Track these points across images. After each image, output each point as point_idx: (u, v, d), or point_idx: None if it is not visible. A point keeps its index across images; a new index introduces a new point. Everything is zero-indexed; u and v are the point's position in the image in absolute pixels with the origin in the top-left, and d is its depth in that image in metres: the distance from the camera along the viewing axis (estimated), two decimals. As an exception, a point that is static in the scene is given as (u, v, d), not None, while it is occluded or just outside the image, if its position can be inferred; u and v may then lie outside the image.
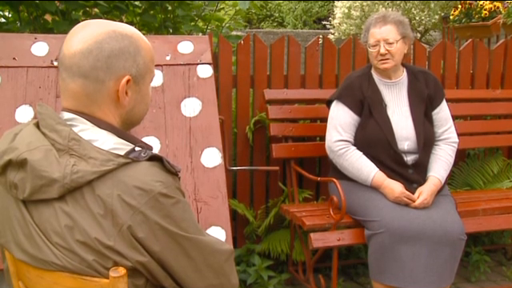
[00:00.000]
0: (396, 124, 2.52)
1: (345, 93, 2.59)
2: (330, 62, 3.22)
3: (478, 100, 3.39)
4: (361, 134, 2.54)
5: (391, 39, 2.50)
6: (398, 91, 2.60)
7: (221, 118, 2.57)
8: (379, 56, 2.51)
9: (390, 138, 2.49)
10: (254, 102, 3.14)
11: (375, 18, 2.55)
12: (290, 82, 3.16)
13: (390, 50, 2.50)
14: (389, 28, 2.50)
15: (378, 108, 2.54)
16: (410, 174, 2.50)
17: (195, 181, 2.08)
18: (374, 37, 2.51)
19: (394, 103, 2.58)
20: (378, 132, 2.50)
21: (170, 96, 2.23)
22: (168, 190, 1.08)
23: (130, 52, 1.15)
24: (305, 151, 2.99)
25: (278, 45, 3.15)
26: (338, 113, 2.58)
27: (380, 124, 2.51)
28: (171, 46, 2.36)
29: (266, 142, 3.14)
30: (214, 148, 2.17)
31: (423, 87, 2.59)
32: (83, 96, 1.13)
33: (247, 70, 3.11)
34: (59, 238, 1.06)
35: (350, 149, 2.53)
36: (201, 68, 2.32)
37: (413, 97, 2.58)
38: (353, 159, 2.51)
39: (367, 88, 2.57)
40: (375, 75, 2.62)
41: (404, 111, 2.57)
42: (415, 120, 2.53)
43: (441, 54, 3.42)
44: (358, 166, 2.49)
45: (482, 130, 3.31)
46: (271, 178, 3.17)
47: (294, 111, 3.04)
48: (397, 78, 2.61)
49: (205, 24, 3.62)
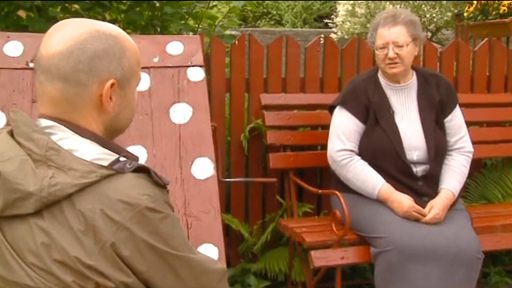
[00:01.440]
0: (404, 132, 2.53)
1: (349, 98, 2.61)
2: (332, 64, 3.24)
3: (494, 105, 3.41)
4: (366, 142, 2.55)
5: (401, 42, 2.51)
6: (407, 96, 2.61)
7: (213, 125, 2.58)
8: (387, 59, 2.53)
9: (397, 147, 2.50)
10: (250, 108, 3.16)
11: (384, 17, 2.56)
12: (289, 86, 3.18)
13: (400, 53, 2.51)
14: (399, 29, 2.51)
15: (384, 115, 2.56)
16: (419, 186, 2.51)
17: (185, 194, 2.08)
18: (383, 38, 2.53)
19: (402, 109, 2.59)
20: (385, 141, 2.51)
21: (157, 101, 2.24)
22: (155, 204, 1.09)
23: (115, 53, 1.15)
24: (305, 161, 3.00)
25: (275, 45, 3.17)
26: (342, 120, 2.60)
27: (387, 132, 2.52)
28: (159, 46, 2.37)
29: (263, 151, 3.15)
30: (206, 158, 2.17)
31: (434, 92, 2.61)
32: (63, 101, 1.13)
33: (242, 72, 3.13)
34: (35, 258, 1.06)
35: (354, 159, 2.54)
36: (191, 71, 2.33)
37: (423, 102, 2.59)
38: (357, 170, 2.52)
39: (373, 93, 2.59)
40: (382, 79, 2.64)
41: (413, 118, 2.58)
42: (425, 128, 2.55)
43: (454, 54, 3.45)
44: (362, 178, 2.50)
45: (500, 137, 3.33)
46: (268, 191, 3.18)
47: (293, 118, 3.05)
48: (406, 82, 2.62)
49: (196, 22, 3.63)
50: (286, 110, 3.08)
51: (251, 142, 3.13)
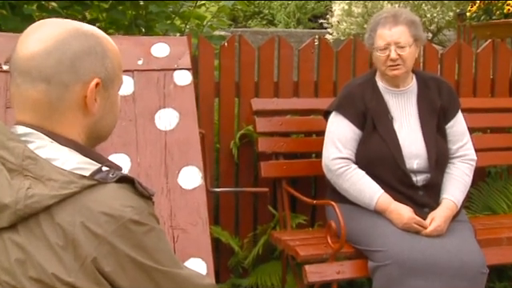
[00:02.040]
0: (404, 139, 2.55)
1: (345, 103, 2.62)
2: (326, 67, 3.25)
3: (499, 110, 3.43)
4: (363, 150, 2.56)
5: (403, 42, 2.52)
6: (406, 101, 2.63)
7: (201, 131, 2.58)
8: (389, 61, 2.54)
9: (396, 155, 2.51)
10: (240, 114, 3.16)
11: (384, 16, 2.57)
12: (281, 90, 3.19)
13: (402, 54, 2.53)
14: (400, 29, 2.53)
15: (383, 121, 2.57)
16: (420, 196, 2.52)
17: (171, 205, 2.08)
18: (384, 39, 2.54)
19: (401, 115, 2.61)
20: (383, 148, 2.52)
21: (142, 106, 2.24)
22: (140, 217, 1.09)
23: (98, 52, 1.17)
24: (298, 170, 3.01)
25: (267, 47, 3.18)
26: (337, 126, 2.61)
27: (385, 139, 2.53)
28: (143, 48, 2.37)
29: (254, 159, 3.15)
30: (194, 167, 2.17)
31: (435, 97, 2.62)
32: (45, 104, 1.13)
33: (232, 76, 3.14)
34: (8, 276, 1.05)
35: (350, 167, 2.55)
36: (178, 74, 2.33)
37: (423, 108, 2.61)
38: (354, 180, 2.53)
39: (371, 97, 2.60)
40: (380, 83, 2.65)
41: (413, 124, 2.59)
42: (426, 134, 2.56)
43: (455, 56, 3.47)
44: (359, 188, 2.51)
45: (505, 144, 3.35)
46: (260, 201, 3.18)
47: (286, 124, 3.06)
48: (406, 86, 2.64)
49: (183, 22, 3.64)
50: (279, 116, 3.08)
51: (241, 149, 3.14)
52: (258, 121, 3.00)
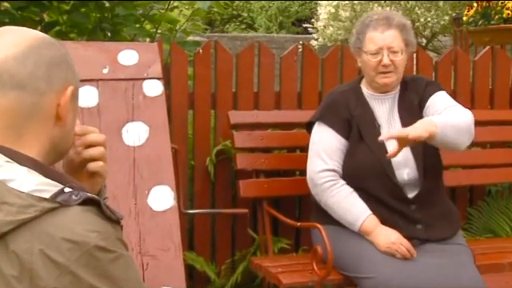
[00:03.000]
0: (392, 148, 2.56)
1: (328, 112, 2.64)
2: (311, 76, 3.28)
3: (499, 123, 3.47)
4: (350, 161, 2.58)
5: (396, 47, 2.56)
6: (391, 107, 2.66)
7: (174, 147, 2.58)
8: (381, 67, 2.57)
9: (385, 166, 2.53)
10: (216, 127, 3.17)
11: (376, 18, 2.60)
12: (262, 102, 3.20)
13: (395, 60, 2.56)
14: (393, 33, 2.56)
15: (369, 129, 2.59)
16: (412, 211, 2.53)
17: (140, 228, 2.07)
18: (375, 43, 2.57)
19: (387, 122, 2.63)
20: (371, 159, 2.54)
21: (107, 120, 2.23)
22: (106, 243, 1.08)
23: (68, 61, 1.21)
24: (281, 189, 3.02)
25: (246, 54, 3.20)
26: (321, 136, 2.63)
27: (373, 149, 2.55)
28: (109, 55, 2.37)
29: (232, 177, 3.15)
30: (165, 186, 2.17)
31: (413, 97, 2.65)
32: (13, 112, 1.13)
33: (207, 85, 3.14)
34: None
35: (337, 183, 2.56)
36: (148, 84, 2.34)
37: (404, 111, 2.63)
38: (340, 196, 2.54)
39: (355, 105, 2.63)
40: (365, 89, 2.68)
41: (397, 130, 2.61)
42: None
43: (451, 64, 3.52)
44: (345, 206, 2.52)
45: (506, 160, 3.38)
46: (238, 224, 3.18)
47: (267, 138, 3.07)
48: (392, 91, 2.67)
49: (153, 27, 3.64)
50: (259, 130, 3.10)
51: (218, 166, 3.14)
52: (237, 135, 3.01)
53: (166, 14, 3.57)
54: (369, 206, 2.51)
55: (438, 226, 2.55)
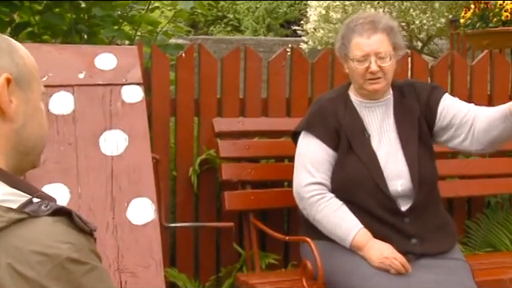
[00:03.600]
0: (384, 158, 2.57)
1: (314, 121, 2.64)
2: (300, 82, 3.29)
3: (497, 131, 3.50)
4: (339, 174, 2.58)
5: (384, 52, 2.56)
6: (384, 114, 2.66)
7: (154, 157, 2.57)
8: (368, 74, 2.58)
9: (377, 177, 2.54)
10: (200, 136, 3.17)
11: (360, 22, 2.61)
12: (248, 109, 3.21)
13: (383, 66, 2.57)
14: (380, 38, 2.57)
15: (359, 139, 2.60)
16: (406, 224, 2.53)
17: (119, 244, 2.07)
18: (362, 49, 2.57)
19: (379, 131, 2.64)
20: (362, 171, 2.55)
21: (84, 128, 2.23)
22: (79, 254, 1.08)
23: (4, 48, 1.18)
24: (269, 201, 3.02)
25: (231, 58, 3.21)
26: (308, 148, 2.63)
27: (363, 160, 2.56)
28: (86, 59, 2.37)
29: (216, 189, 3.15)
30: (145, 198, 2.16)
31: (413, 103, 2.66)
32: None
33: (190, 91, 3.14)
34: None
35: (325, 196, 2.56)
36: (127, 90, 2.33)
37: (401, 119, 2.64)
38: (329, 210, 2.54)
39: (343, 113, 2.63)
40: (354, 96, 2.69)
41: (392, 140, 2.62)
42: (406, 150, 2.59)
43: (447, 69, 3.53)
44: (334, 221, 2.52)
45: (506, 170, 3.40)
46: (223, 238, 3.18)
47: (254, 147, 3.07)
48: (382, 98, 2.68)
49: (133, 28, 3.64)
50: (245, 138, 3.10)
51: (202, 177, 3.13)
52: (221, 144, 3.01)
53: (146, 15, 3.57)
54: (360, 220, 2.51)
55: (434, 239, 2.55)
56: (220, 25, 13.18)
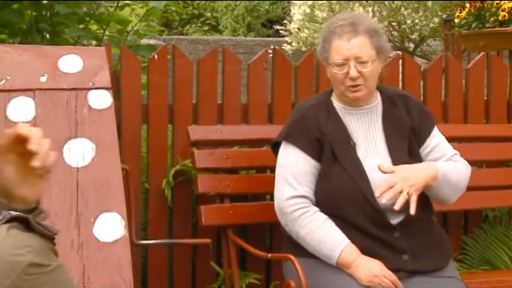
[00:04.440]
0: (371, 169, 2.58)
1: (295, 130, 2.65)
2: (283, 86, 3.29)
3: (495, 139, 3.52)
4: (323, 186, 2.59)
5: (365, 57, 2.57)
6: (371, 122, 2.68)
7: (124, 167, 2.56)
8: (348, 80, 2.59)
9: (364, 189, 2.54)
10: (174, 145, 3.16)
11: (340, 24, 2.62)
12: (227, 115, 3.21)
13: (364, 72, 2.58)
14: (361, 41, 2.58)
15: (343, 148, 2.60)
16: (396, 239, 2.54)
17: (84, 263, 2.06)
18: (341, 53, 2.58)
19: (365, 140, 2.65)
20: (348, 182, 2.55)
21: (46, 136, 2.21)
22: (40, 257, 1.10)
23: None
24: (249, 216, 3.01)
25: (208, 60, 3.20)
26: (289, 159, 2.63)
27: (349, 171, 2.56)
28: (48, 61, 2.36)
29: (192, 202, 3.14)
30: (114, 213, 2.16)
31: (403, 116, 2.68)
32: None
33: (163, 96, 3.14)
34: None
35: (309, 210, 2.56)
36: (94, 94, 2.33)
37: (390, 129, 2.66)
38: (313, 226, 2.54)
39: (326, 121, 2.64)
40: (337, 103, 2.69)
41: (380, 150, 2.63)
42: (396, 161, 2.60)
43: (441, 72, 3.55)
44: (319, 237, 2.52)
45: (504, 181, 3.42)
46: (200, 256, 3.17)
47: (233, 157, 3.07)
48: (369, 104, 2.69)
49: (100, 28, 3.63)
50: (224, 147, 3.09)
51: (176, 190, 3.12)
52: (198, 154, 3.00)
53: (115, 13, 3.56)
54: (347, 235, 2.52)
55: (427, 256, 2.56)
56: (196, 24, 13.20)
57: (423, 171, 2.54)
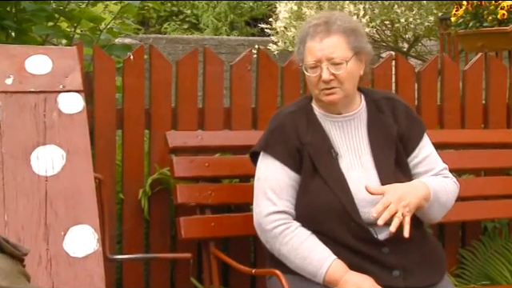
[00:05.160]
0: (355, 182, 2.58)
1: (273, 139, 2.64)
2: (269, 88, 3.30)
3: (494, 145, 3.53)
4: (303, 200, 2.58)
5: (338, 58, 2.56)
6: (355, 130, 2.67)
7: (97, 177, 2.55)
8: (321, 83, 2.59)
9: (347, 204, 2.54)
10: (152, 152, 3.16)
11: (314, 23, 2.62)
12: (208, 120, 3.21)
13: (338, 74, 2.57)
14: (334, 41, 2.57)
15: (325, 159, 2.60)
16: (384, 255, 2.54)
17: (54, 280, 2.05)
18: (313, 54, 2.58)
19: (348, 150, 2.64)
20: (329, 196, 2.55)
21: (12, 142, 2.21)
22: (9, 280, 1.09)
23: None
24: (232, 228, 3.01)
25: (188, 61, 3.20)
26: (267, 171, 2.62)
27: (330, 184, 2.56)
28: (14, 61, 2.35)
29: (171, 214, 3.14)
30: (86, 226, 2.15)
31: (390, 122, 2.68)
32: None
33: (140, 100, 3.14)
34: None
35: (290, 226, 2.56)
36: (64, 98, 2.32)
37: (376, 137, 2.65)
38: (295, 243, 2.53)
39: (306, 130, 2.63)
40: (317, 109, 2.69)
41: (364, 161, 2.63)
42: (382, 172, 2.60)
43: (437, 74, 3.57)
44: (303, 254, 2.52)
45: (504, 191, 3.42)
46: (179, 272, 3.17)
47: (215, 165, 3.07)
48: (352, 110, 2.68)
49: (71, 25, 3.62)
50: (205, 155, 3.09)
51: (154, 200, 3.12)
52: (177, 161, 2.99)
53: (86, 9, 3.56)
54: (332, 252, 2.51)
55: (420, 271, 2.56)
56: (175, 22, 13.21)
57: (417, 190, 2.54)
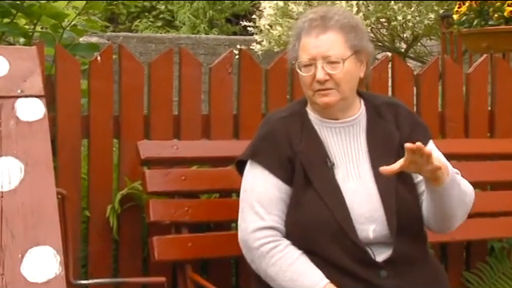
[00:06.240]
0: (352, 195, 2.58)
1: (262, 147, 2.64)
2: (251, 93, 3.31)
3: (501, 156, 3.55)
4: (294, 216, 2.58)
5: (334, 56, 2.57)
6: (353, 138, 2.68)
7: (60, 192, 2.54)
8: (316, 84, 2.60)
9: (342, 220, 2.54)
10: (121, 164, 3.16)
11: (310, 18, 2.63)
12: (184, 128, 3.21)
13: (334, 74, 2.58)
14: (331, 38, 2.59)
15: (319, 170, 2.60)
16: (382, 279, 2.54)
17: (10, 309, 2.03)
18: (308, 51, 2.59)
19: (346, 159, 2.65)
20: (322, 212, 2.55)
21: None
22: None
23: None
24: (211, 248, 3.01)
25: (162, 62, 3.20)
26: (255, 182, 2.63)
27: (324, 197, 2.56)
28: (-32, 63, 2.34)
29: (143, 233, 3.14)
30: (47, 247, 2.13)
31: (392, 128, 2.69)
32: None
33: (108, 106, 3.13)
34: None
35: (279, 244, 2.56)
36: (23, 104, 2.31)
37: (376, 146, 2.66)
38: (284, 263, 2.53)
39: (299, 136, 2.64)
40: (312, 114, 2.70)
41: (363, 172, 2.64)
42: (382, 186, 2.61)
43: (438, 78, 3.58)
44: (292, 276, 2.52)
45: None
46: (152, 298, 3.14)
47: (192, 179, 3.07)
48: (350, 116, 2.69)
49: (30, 22, 3.61)
50: (180, 167, 3.09)
51: (124, 218, 3.12)
52: (150, 175, 2.99)
53: (47, 4, 3.55)
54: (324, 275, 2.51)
55: None
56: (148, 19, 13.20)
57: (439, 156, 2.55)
